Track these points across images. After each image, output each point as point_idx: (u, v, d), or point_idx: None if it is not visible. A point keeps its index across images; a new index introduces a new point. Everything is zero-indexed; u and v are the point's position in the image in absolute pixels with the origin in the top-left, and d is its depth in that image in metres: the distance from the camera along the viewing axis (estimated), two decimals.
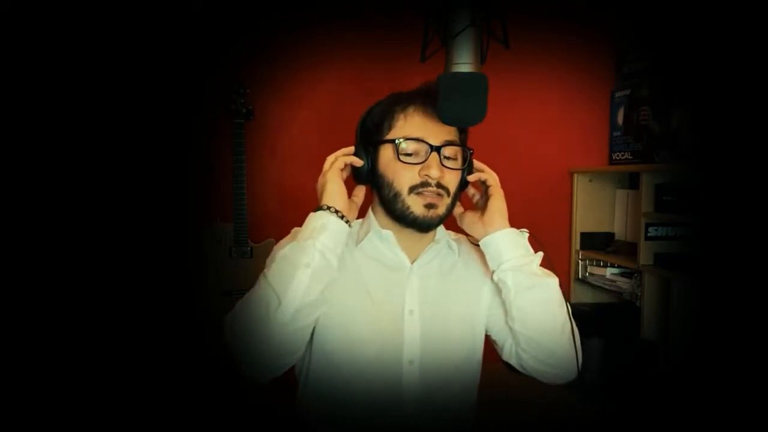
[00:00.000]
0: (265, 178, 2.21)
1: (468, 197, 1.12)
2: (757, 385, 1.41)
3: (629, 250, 2.08)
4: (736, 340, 1.50)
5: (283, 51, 2.23)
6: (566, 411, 1.84)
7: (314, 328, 1.01)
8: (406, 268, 1.07)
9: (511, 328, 1.05)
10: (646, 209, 1.90)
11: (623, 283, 2.12)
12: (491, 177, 1.07)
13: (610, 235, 2.31)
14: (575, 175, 2.31)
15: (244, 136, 2.08)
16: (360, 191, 1.07)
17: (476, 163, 1.08)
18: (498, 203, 1.04)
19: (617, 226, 2.32)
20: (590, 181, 2.30)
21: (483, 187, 1.08)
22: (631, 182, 2.24)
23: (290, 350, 0.96)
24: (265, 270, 0.96)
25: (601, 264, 2.23)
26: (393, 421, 1.02)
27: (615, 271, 2.17)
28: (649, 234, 1.92)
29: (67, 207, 2.05)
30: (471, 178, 1.07)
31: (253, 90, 2.14)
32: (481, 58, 0.91)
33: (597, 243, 2.30)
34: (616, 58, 2.37)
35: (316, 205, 1.01)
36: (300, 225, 1.01)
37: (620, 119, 2.27)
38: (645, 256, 1.92)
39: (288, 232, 1.06)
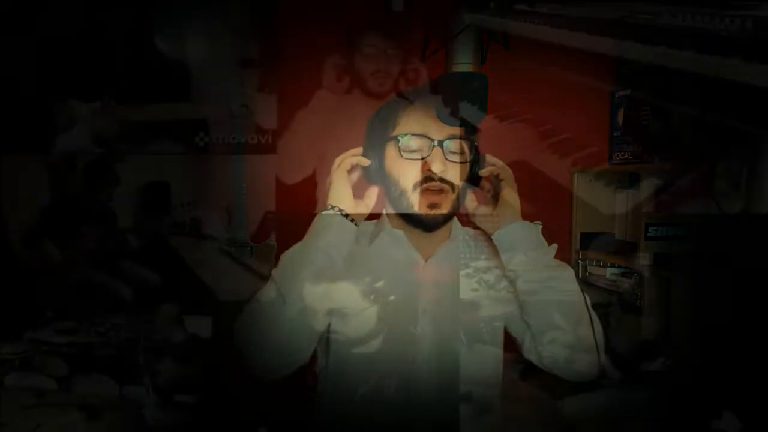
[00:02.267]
0: (265, 178, 2.21)
1: (483, 193, 1.10)
2: (757, 384, 1.41)
3: (629, 250, 2.07)
4: (735, 340, 1.50)
5: (283, 51, 2.23)
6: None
7: (330, 326, 1.03)
8: (418, 266, 1.07)
9: (527, 323, 1.04)
10: (646, 209, 1.90)
11: (623, 283, 2.12)
12: (503, 171, 1.05)
13: (610, 235, 2.31)
14: (575, 175, 2.30)
15: (244, 136, 2.08)
16: (372, 192, 1.06)
17: (488, 158, 1.07)
18: (509, 197, 1.03)
19: (617, 226, 2.31)
20: (590, 181, 2.30)
21: (495, 181, 1.06)
22: (631, 182, 2.24)
23: (297, 347, 0.97)
24: (273, 270, 0.97)
25: (601, 264, 2.23)
26: (404, 418, 1.02)
27: (615, 271, 2.17)
28: (649, 234, 1.92)
29: (68, 207, 2.05)
30: (483, 172, 1.06)
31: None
32: (481, 58, 0.91)
33: (597, 243, 2.29)
34: (616, 59, 2.37)
35: (315, 205, 1.01)
36: (299, 225, 1.01)
37: (620, 119, 2.27)
38: (645, 256, 1.91)
39: (288, 232, 1.06)
